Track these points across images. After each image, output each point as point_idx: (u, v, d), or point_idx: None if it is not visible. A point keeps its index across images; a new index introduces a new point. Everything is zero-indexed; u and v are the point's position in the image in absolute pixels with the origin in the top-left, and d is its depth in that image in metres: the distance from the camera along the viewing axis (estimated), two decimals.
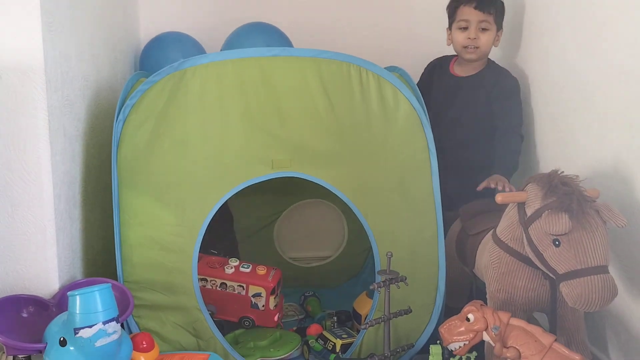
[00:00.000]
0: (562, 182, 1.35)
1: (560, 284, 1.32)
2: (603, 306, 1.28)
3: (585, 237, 1.29)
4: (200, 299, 1.57)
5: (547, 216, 1.32)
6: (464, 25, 1.93)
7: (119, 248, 1.55)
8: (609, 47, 1.51)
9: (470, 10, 1.91)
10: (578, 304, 1.29)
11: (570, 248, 1.30)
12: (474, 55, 1.94)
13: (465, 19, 1.93)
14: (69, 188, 1.53)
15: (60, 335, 1.20)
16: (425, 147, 1.66)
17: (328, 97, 1.62)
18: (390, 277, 1.49)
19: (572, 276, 1.29)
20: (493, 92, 1.93)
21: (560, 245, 1.31)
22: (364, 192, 1.64)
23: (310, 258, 2.28)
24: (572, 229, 1.29)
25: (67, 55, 1.52)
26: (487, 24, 1.91)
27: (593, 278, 1.27)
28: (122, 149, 1.57)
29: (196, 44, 2.26)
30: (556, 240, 1.32)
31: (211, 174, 1.58)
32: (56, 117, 1.44)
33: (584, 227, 1.30)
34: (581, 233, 1.30)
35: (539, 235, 1.35)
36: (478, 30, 1.92)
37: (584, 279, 1.28)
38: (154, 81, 1.57)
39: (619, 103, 1.48)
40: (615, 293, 1.28)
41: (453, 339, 1.40)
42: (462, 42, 1.94)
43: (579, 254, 1.29)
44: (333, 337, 1.68)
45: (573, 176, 1.39)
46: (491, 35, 1.93)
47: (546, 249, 1.34)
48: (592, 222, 1.30)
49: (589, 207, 1.31)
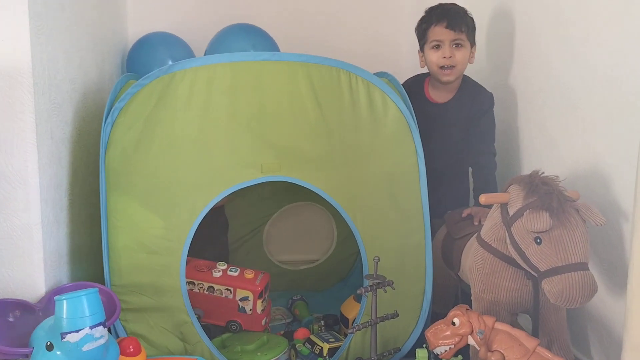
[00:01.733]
0: (542, 182, 1.39)
1: (542, 282, 1.35)
2: (583, 302, 1.31)
3: (566, 234, 1.33)
4: (188, 303, 1.57)
5: (529, 214, 1.35)
6: (436, 44, 1.87)
7: (107, 252, 1.55)
8: (593, 55, 1.54)
9: (441, 30, 1.85)
10: (559, 301, 1.31)
11: (551, 245, 1.33)
12: (451, 77, 1.87)
13: (437, 39, 1.86)
14: (55, 192, 1.52)
15: (47, 339, 1.19)
16: (414, 152, 1.68)
17: (318, 102, 1.62)
18: (378, 281, 1.50)
19: (553, 273, 1.32)
20: (471, 113, 1.91)
21: (541, 243, 1.34)
22: (353, 197, 1.65)
23: (299, 261, 2.28)
24: (552, 227, 1.32)
25: (54, 59, 1.52)
26: (460, 40, 1.86)
27: (573, 275, 1.30)
28: (110, 151, 1.56)
29: (183, 44, 2.26)
30: (537, 238, 1.35)
31: (200, 178, 1.58)
32: (43, 120, 1.43)
33: (564, 225, 1.33)
34: (561, 231, 1.33)
35: (521, 233, 1.38)
36: (452, 47, 1.86)
37: (564, 275, 1.30)
38: (143, 84, 1.57)
39: (602, 109, 1.50)
40: (595, 289, 1.31)
41: (439, 343, 1.41)
42: (437, 61, 1.86)
43: (559, 251, 1.32)
44: (320, 341, 1.69)
45: (553, 177, 1.42)
46: (466, 52, 1.87)
47: (528, 246, 1.37)
48: (572, 220, 1.34)
49: (569, 206, 1.35)
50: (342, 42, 2.38)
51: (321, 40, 2.35)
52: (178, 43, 2.25)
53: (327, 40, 2.37)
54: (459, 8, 1.91)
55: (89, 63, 1.85)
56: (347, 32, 2.43)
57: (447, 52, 1.85)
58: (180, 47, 2.24)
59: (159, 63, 2.09)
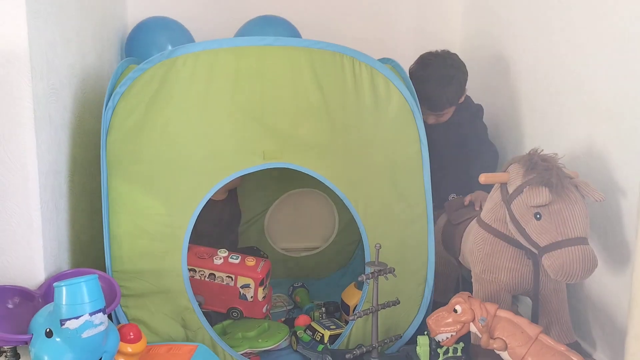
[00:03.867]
0: (541, 159, 1.40)
1: (543, 257, 1.35)
2: (584, 277, 1.31)
3: (565, 209, 1.33)
4: (189, 289, 1.57)
5: (528, 190, 1.36)
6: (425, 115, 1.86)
7: (107, 238, 1.54)
8: (597, 41, 1.52)
9: (424, 109, 1.84)
10: (560, 275, 1.31)
11: (551, 220, 1.33)
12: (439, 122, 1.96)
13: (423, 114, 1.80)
14: (55, 178, 1.51)
15: (46, 326, 1.18)
16: (417, 139, 1.66)
17: (321, 88, 1.60)
18: (379, 268, 1.49)
19: (553, 248, 1.32)
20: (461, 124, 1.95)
21: (541, 218, 1.35)
22: (356, 184, 1.63)
23: (300, 249, 2.27)
24: (552, 202, 1.33)
25: (53, 43, 1.50)
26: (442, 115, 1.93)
27: (573, 249, 1.30)
28: (111, 137, 1.54)
29: (183, 29, 2.23)
30: (537, 213, 1.35)
31: (201, 164, 1.57)
32: (42, 105, 1.41)
33: (564, 200, 1.33)
34: (561, 205, 1.33)
35: (521, 210, 1.39)
36: (437, 117, 1.94)
37: (564, 249, 1.31)
38: (144, 69, 1.55)
39: (606, 96, 1.49)
40: (595, 264, 1.31)
41: (440, 330, 1.41)
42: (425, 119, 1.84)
43: (559, 225, 1.33)
44: (321, 328, 1.69)
45: (552, 154, 1.43)
46: (449, 114, 1.93)
47: (528, 223, 1.38)
48: (572, 195, 1.34)
49: (568, 182, 1.35)
50: (346, 27, 2.36)
51: (325, 26, 2.32)
52: (178, 28, 2.23)
53: (332, 24, 2.34)
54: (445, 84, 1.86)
55: (88, 48, 1.83)
56: (351, 17, 2.40)
57: (429, 119, 1.93)
58: (180, 32, 2.22)
59: (159, 48, 2.07)
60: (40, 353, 1.18)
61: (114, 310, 1.50)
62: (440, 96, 1.85)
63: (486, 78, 2.10)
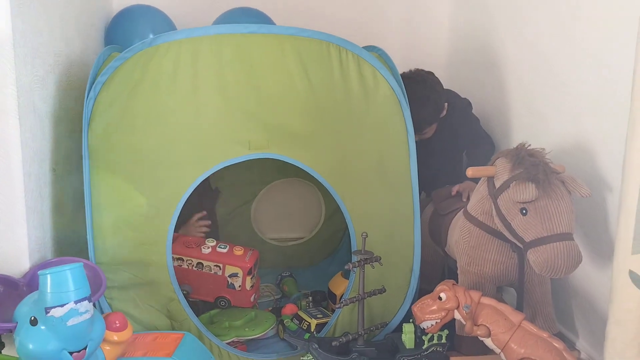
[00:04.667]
0: (529, 154, 1.40)
1: (528, 252, 1.36)
2: (568, 272, 1.33)
3: (551, 205, 1.34)
4: (175, 281, 1.56)
5: (515, 186, 1.36)
6: None
7: (91, 229, 1.52)
8: (582, 34, 1.53)
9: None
10: (544, 270, 1.33)
11: (537, 216, 1.34)
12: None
13: None
14: (39, 166, 1.49)
15: (31, 314, 1.18)
16: (404, 128, 1.65)
17: (307, 77, 1.59)
18: (365, 257, 1.50)
19: (539, 243, 1.33)
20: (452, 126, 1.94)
21: (527, 213, 1.35)
22: (342, 174, 1.63)
23: (287, 238, 2.27)
24: (538, 197, 1.33)
25: (37, 30, 1.48)
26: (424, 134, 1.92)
27: (558, 244, 1.31)
28: (93, 127, 1.53)
29: (166, 18, 2.21)
30: (523, 209, 1.36)
31: (186, 155, 1.55)
32: (25, 93, 1.40)
33: (550, 195, 1.34)
34: (547, 201, 1.34)
35: (507, 205, 1.39)
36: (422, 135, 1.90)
37: (549, 245, 1.32)
38: (125, 57, 1.53)
39: (590, 88, 1.50)
40: (580, 260, 1.33)
41: (425, 318, 1.42)
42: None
43: (544, 221, 1.34)
44: (308, 316, 1.69)
45: (539, 149, 1.43)
46: (432, 129, 1.92)
47: (514, 217, 1.38)
48: (558, 191, 1.35)
49: (555, 178, 1.36)
50: (333, 16, 2.34)
51: (312, 14, 2.30)
52: (160, 17, 2.20)
53: (318, 11, 2.32)
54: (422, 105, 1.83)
55: (73, 35, 1.81)
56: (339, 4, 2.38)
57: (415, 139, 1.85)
58: (162, 21, 2.18)
59: (140, 36, 2.05)
60: (25, 341, 1.17)
61: (99, 302, 1.49)
62: (418, 119, 1.74)
63: (474, 70, 2.11)
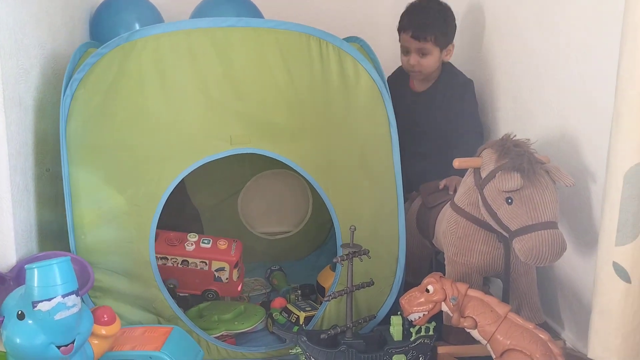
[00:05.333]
0: (514, 145, 1.42)
1: (513, 241, 1.38)
2: (553, 260, 1.34)
3: (536, 194, 1.36)
4: (159, 278, 1.55)
5: (500, 175, 1.38)
6: (405, 50, 1.93)
7: (72, 228, 1.50)
8: (567, 26, 1.54)
9: (407, 38, 1.90)
10: (529, 258, 1.34)
11: (522, 205, 1.36)
12: (420, 76, 1.96)
13: (404, 45, 1.92)
14: (25, 160, 1.48)
15: (18, 308, 1.17)
16: (386, 120, 1.65)
17: (287, 70, 1.58)
18: (353, 250, 1.50)
19: (524, 232, 1.35)
20: (446, 96, 1.94)
21: (512, 202, 1.37)
22: (325, 167, 1.63)
23: (276, 231, 2.27)
24: (523, 187, 1.35)
25: (22, 22, 1.47)
26: (426, 49, 1.88)
27: (543, 233, 1.33)
28: (71, 124, 1.50)
29: (151, 6, 2.18)
30: (509, 198, 1.38)
31: (166, 151, 1.53)
32: (11, 86, 1.39)
33: (535, 185, 1.36)
34: (532, 190, 1.36)
35: (493, 194, 1.41)
36: (418, 55, 1.90)
37: (534, 233, 1.34)
38: (102, 53, 1.51)
39: (576, 81, 1.51)
40: (564, 248, 1.34)
41: (413, 310, 1.43)
42: (405, 65, 1.95)
43: (529, 210, 1.35)
44: (297, 310, 1.70)
45: (525, 139, 1.45)
46: (432, 58, 1.90)
47: (500, 207, 1.40)
48: (543, 180, 1.37)
49: (540, 168, 1.38)
50: (313, 6, 2.33)
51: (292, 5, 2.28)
52: (145, 5, 2.17)
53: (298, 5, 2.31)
54: (430, 14, 1.88)
55: (59, 27, 1.80)
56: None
57: (412, 59, 1.91)
58: (147, 9, 2.16)
59: (126, 26, 2.02)
60: (12, 336, 1.17)
61: (84, 300, 1.48)
62: (427, 21, 1.82)
63: (461, 64, 2.11)
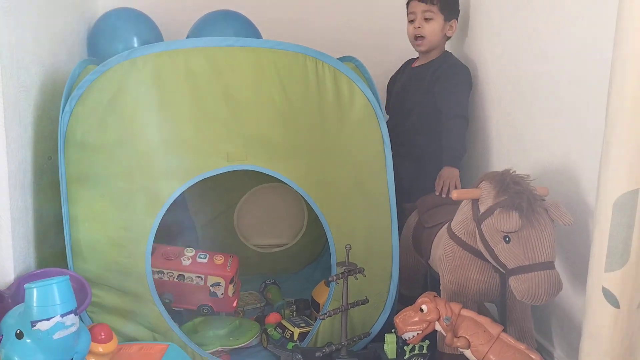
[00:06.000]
0: (513, 181, 1.41)
1: (510, 278, 1.38)
2: (548, 300, 1.35)
3: (534, 234, 1.35)
4: (155, 293, 1.56)
5: (499, 214, 1.37)
6: (412, 18, 2.07)
7: (69, 245, 1.52)
8: (560, 50, 1.57)
9: (415, 3, 2.05)
10: (525, 298, 1.35)
11: (520, 245, 1.36)
12: (422, 47, 2.05)
13: (412, 12, 2.06)
14: (24, 176, 1.50)
15: (17, 327, 1.18)
16: (380, 139, 1.68)
17: (284, 89, 1.61)
18: (349, 268, 1.52)
19: (521, 271, 1.35)
20: (435, 74, 2.01)
21: (510, 241, 1.37)
22: (321, 185, 1.65)
23: (271, 244, 2.29)
24: (521, 227, 1.35)
25: (23, 40, 1.48)
26: (430, 13, 2.02)
27: (540, 274, 1.33)
28: (70, 141, 1.52)
29: (149, 21, 2.19)
30: (506, 237, 1.37)
31: (163, 167, 1.56)
32: (11, 104, 1.40)
33: (533, 225, 1.36)
34: (530, 231, 1.35)
35: (491, 231, 1.41)
36: (422, 20, 2.03)
37: (531, 274, 1.34)
38: (101, 71, 1.53)
39: (568, 104, 1.54)
40: (560, 288, 1.35)
41: (407, 329, 1.45)
42: (410, 32, 2.07)
43: (527, 250, 1.35)
44: (291, 325, 1.71)
45: (524, 175, 1.45)
46: (435, 25, 2.03)
47: (497, 244, 1.40)
48: (541, 220, 1.36)
49: (538, 206, 1.37)
50: (310, 27, 2.35)
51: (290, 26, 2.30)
52: (143, 19, 2.17)
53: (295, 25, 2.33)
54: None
55: (58, 44, 1.81)
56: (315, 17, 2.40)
57: (416, 23, 2.04)
58: (145, 24, 2.16)
59: (124, 41, 2.04)
60: (11, 354, 1.18)
61: (81, 316, 1.49)
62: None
63: None
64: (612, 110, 1.10)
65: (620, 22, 1.06)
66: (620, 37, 1.06)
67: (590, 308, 1.15)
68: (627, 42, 1.05)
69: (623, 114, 1.07)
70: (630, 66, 1.05)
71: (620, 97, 1.07)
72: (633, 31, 1.04)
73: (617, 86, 1.08)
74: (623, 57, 1.06)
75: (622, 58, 1.06)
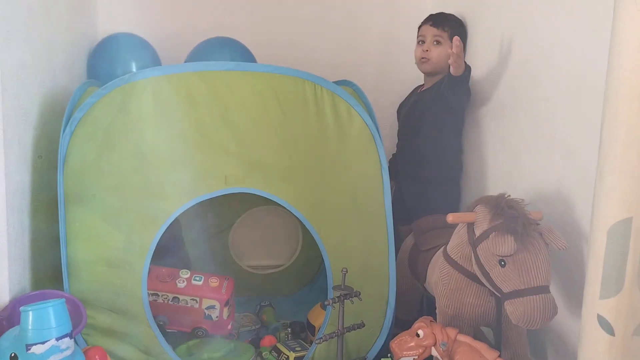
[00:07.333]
0: (508, 206, 1.42)
1: (505, 302, 1.39)
2: (543, 324, 1.35)
3: (529, 258, 1.36)
4: (150, 316, 1.56)
5: (494, 238, 1.39)
6: (421, 40, 2.12)
7: (66, 265, 1.51)
8: (555, 73, 1.59)
9: (427, 27, 2.11)
10: (521, 322, 1.35)
11: (515, 269, 1.37)
12: (427, 67, 2.09)
13: (422, 34, 2.11)
14: (22, 198, 1.50)
15: (12, 351, 1.18)
16: (378, 163, 1.70)
17: (283, 113, 1.63)
18: (345, 292, 1.52)
19: (516, 295, 1.36)
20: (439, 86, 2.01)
21: (505, 265, 1.38)
22: (318, 208, 1.66)
23: (265, 266, 2.28)
24: (517, 251, 1.36)
25: (23, 63, 1.49)
26: (440, 38, 2.07)
27: (535, 298, 1.34)
28: (69, 162, 1.53)
29: (148, 46, 2.22)
30: (502, 261, 1.38)
31: (161, 190, 1.56)
32: (11, 127, 1.41)
33: (528, 249, 1.37)
34: (525, 255, 1.37)
35: (486, 255, 1.42)
36: (431, 43, 2.07)
37: (526, 298, 1.34)
38: (102, 94, 1.55)
39: (561, 129, 1.56)
40: (555, 312, 1.35)
41: (403, 354, 1.45)
42: (418, 54, 2.12)
43: (522, 274, 1.36)
44: (287, 349, 1.70)
45: (519, 200, 1.46)
46: (443, 50, 2.06)
47: (492, 268, 1.41)
48: (536, 244, 1.38)
49: (533, 230, 1.39)
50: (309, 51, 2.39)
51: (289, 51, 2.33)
52: (142, 44, 2.21)
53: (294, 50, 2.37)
54: (450, 15, 2.10)
55: (58, 65, 1.83)
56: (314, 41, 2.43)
57: (425, 45, 2.09)
58: (144, 49, 2.19)
59: (123, 65, 2.06)
60: None
61: (75, 338, 1.49)
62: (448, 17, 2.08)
63: None
64: (606, 138, 1.11)
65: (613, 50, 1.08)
66: (613, 65, 1.08)
67: (585, 335, 1.15)
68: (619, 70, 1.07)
69: (616, 142, 1.09)
70: (623, 95, 1.07)
71: (613, 125, 1.09)
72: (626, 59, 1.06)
73: (610, 114, 1.09)
74: (616, 85, 1.08)
75: (615, 87, 1.08)
